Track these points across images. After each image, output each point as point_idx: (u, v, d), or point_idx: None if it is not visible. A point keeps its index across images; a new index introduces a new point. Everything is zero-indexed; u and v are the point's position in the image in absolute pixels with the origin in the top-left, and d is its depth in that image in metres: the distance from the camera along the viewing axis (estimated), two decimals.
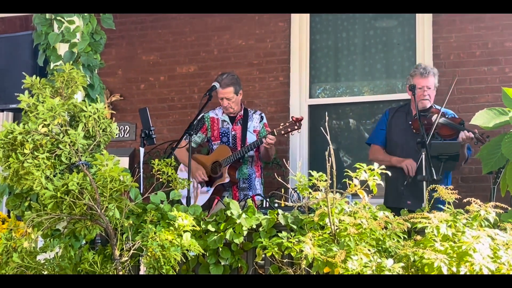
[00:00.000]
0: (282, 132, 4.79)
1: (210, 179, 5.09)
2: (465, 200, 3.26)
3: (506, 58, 5.61)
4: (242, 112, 5.21)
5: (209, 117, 5.22)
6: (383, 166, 3.23)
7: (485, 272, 2.87)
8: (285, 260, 3.30)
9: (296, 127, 4.77)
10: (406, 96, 4.94)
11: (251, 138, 5.11)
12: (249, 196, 4.46)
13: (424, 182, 4.22)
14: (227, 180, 4.97)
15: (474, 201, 3.24)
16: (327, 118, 3.52)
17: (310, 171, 3.36)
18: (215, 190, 5.04)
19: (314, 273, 3.11)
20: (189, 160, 4.58)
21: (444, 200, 3.36)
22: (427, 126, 4.58)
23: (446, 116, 4.77)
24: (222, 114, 5.21)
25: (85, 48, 4.11)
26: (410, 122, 4.84)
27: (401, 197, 4.62)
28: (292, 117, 4.81)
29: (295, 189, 3.59)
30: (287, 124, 4.79)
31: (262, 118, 5.24)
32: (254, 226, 3.51)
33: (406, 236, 3.30)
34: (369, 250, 3.06)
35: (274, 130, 4.81)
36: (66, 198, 3.23)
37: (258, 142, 4.89)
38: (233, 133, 5.14)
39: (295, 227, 3.44)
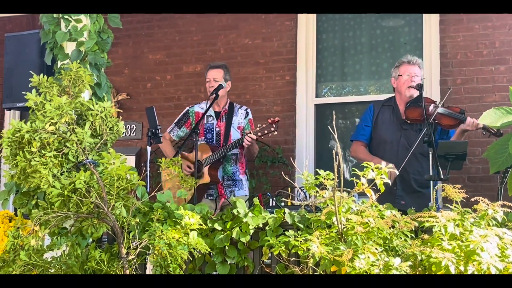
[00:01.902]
0: (259, 134, 4.72)
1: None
2: (472, 200, 3.25)
3: None
4: (227, 106, 5.13)
5: (194, 111, 5.15)
6: (390, 165, 3.23)
7: (493, 271, 2.86)
8: (292, 259, 3.29)
9: (272, 129, 4.70)
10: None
11: (235, 135, 5.04)
12: (256, 195, 4.45)
13: (431, 182, 4.21)
14: (207, 180, 4.88)
15: (482, 200, 3.22)
16: (334, 116, 3.50)
17: (317, 170, 3.35)
18: (197, 189, 4.85)
19: (321, 272, 3.10)
20: (196, 159, 4.58)
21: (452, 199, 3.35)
22: (422, 118, 4.48)
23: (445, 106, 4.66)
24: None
25: (92, 46, 4.11)
26: (406, 110, 4.72)
27: (395, 197, 4.58)
28: (268, 119, 4.75)
29: (302, 188, 3.59)
30: (264, 125, 4.71)
31: (247, 114, 5.17)
32: (261, 225, 3.51)
33: (413, 235, 3.29)
34: (376, 249, 3.05)
35: (251, 131, 4.75)
36: (73, 197, 3.24)
37: (238, 142, 4.82)
38: (217, 129, 5.07)
39: (301, 226, 3.44)
